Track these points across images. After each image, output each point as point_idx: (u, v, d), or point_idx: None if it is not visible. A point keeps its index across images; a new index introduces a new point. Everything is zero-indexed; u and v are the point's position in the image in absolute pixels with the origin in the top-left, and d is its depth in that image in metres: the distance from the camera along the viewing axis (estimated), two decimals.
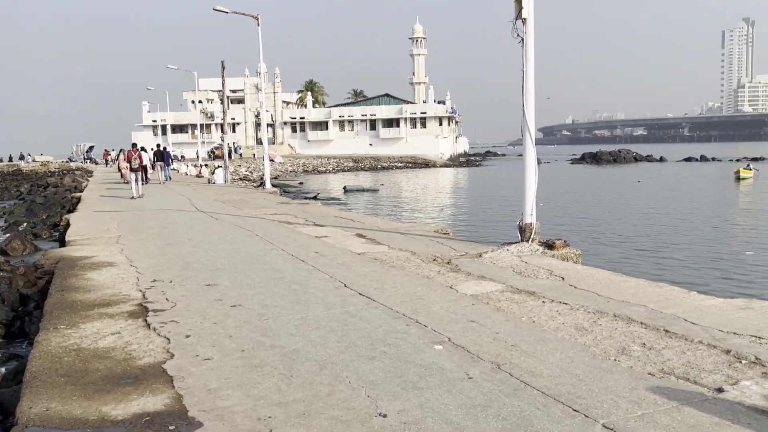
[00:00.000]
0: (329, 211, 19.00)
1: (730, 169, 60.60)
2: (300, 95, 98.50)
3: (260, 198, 22.85)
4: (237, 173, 49.38)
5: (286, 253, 10.20)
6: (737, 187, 47.10)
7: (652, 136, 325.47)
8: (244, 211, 17.60)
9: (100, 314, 6.57)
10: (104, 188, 28.73)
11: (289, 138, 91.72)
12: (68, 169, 52.12)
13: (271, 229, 13.48)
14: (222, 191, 26.31)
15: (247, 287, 7.73)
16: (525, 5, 9.50)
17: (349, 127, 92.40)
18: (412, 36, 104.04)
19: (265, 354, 5.16)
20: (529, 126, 9.91)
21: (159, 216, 16.34)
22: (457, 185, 53.21)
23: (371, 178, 60.61)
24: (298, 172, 68.97)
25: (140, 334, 5.82)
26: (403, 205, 34.47)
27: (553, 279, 7.82)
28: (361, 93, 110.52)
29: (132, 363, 5.01)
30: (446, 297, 6.97)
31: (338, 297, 7.11)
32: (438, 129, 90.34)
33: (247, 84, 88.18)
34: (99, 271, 8.96)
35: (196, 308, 6.72)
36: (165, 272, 8.79)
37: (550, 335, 5.51)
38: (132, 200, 21.69)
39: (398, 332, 5.68)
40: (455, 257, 9.51)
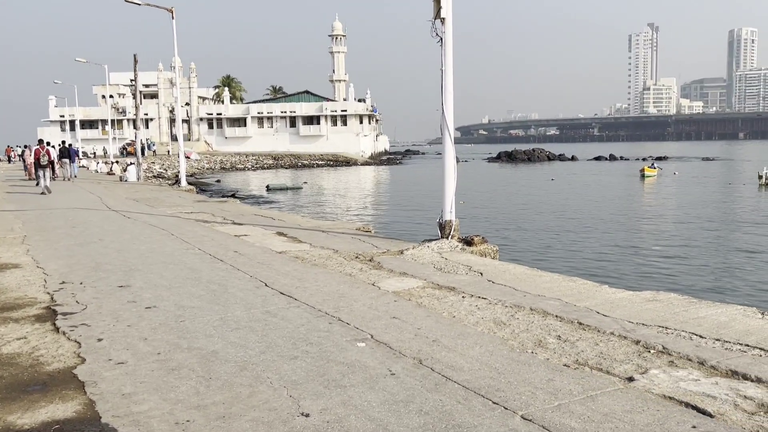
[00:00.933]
0: (248, 209, 18.69)
1: (637, 168, 63.88)
2: (217, 91, 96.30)
3: (175, 196, 22.19)
4: (151, 170, 47.77)
5: (204, 253, 9.95)
6: (642, 185, 49.68)
7: (564, 136, 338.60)
8: (158, 209, 17.05)
9: (4, 319, 6.19)
10: (8, 186, 27.13)
11: (205, 134, 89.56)
12: None
13: (187, 228, 13.11)
14: (135, 189, 25.38)
15: (163, 288, 7.48)
16: (444, 5, 9.64)
17: (269, 123, 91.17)
18: (332, 33, 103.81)
19: (182, 356, 5.01)
20: (449, 124, 10.08)
21: (68, 215, 15.58)
22: (378, 183, 53.53)
23: (292, 175, 60.08)
24: (216, 169, 67.49)
25: (48, 338, 5.52)
26: (325, 203, 34.36)
27: (472, 275, 7.98)
28: (280, 89, 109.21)
29: (40, 369, 4.74)
30: (369, 294, 6.99)
31: (258, 297, 6.99)
32: (359, 127, 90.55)
33: (160, 78, 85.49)
34: (2, 274, 8.44)
35: (108, 310, 6.44)
36: (75, 274, 8.39)
37: (470, 330, 5.62)
38: (41, 195, 21.59)
39: (320, 331, 5.64)
40: (377, 254, 9.55)
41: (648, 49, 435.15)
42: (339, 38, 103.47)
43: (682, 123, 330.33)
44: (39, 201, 19.72)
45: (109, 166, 40.14)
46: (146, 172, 38.86)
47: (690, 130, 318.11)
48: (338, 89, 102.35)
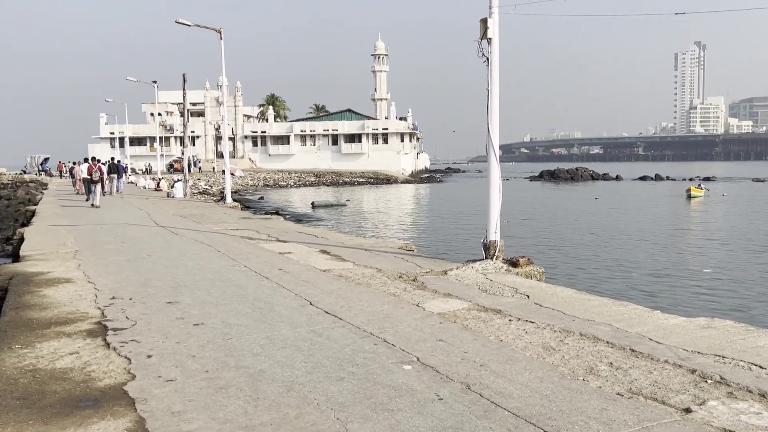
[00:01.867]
0: (292, 226, 18.85)
1: (683, 188, 62.36)
2: (261, 109, 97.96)
3: (221, 213, 22.54)
4: (196, 187, 48.71)
5: (250, 270, 10.05)
6: (688, 206, 48.45)
7: (608, 155, 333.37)
8: (204, 226, 17.32)
9: (57, 333, 6.34)
10: (60, 201, 27.97)
11: (249, 152, 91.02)
12: (22, 182, 50.53)
13: (233, 244, 13.28)
14: (181, 205, 25.88)
15: (210, 305, 7.56)
16: (490, 25, 9.63)
17: (311, 141, 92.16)
18: (375, 52, 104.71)
19: (230, 375, 5.03)
20: (494, 144, 10.01)
21: (117, 230, 15.96)
22: (419, 201, 53.48)
23: (333, 193, 60.50)
24: (259, 186, 68.44)
25: (100, 354, 5.62)
26: (367, 221, 34.45)
27: (519, 297, 7.86)
28: (323, 108, 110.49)
29: (92, 385, 4.83)
30: (413, 315, 6.94)
31: (304, 315, 7.01)
32: (399, 145, 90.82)
33: (207, 97, 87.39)
34: (55, 288, 8.67)
35: (157, 327, 6.54)
36: (124, 289, 8.55)
37: (518, 354, 5.52)
38: (92, 210, 22.60)
39: (366, 352, 5.62)
40: (421, 274, 9.50)
41: (695, 68, 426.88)
42: (381, 57, 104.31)
43: (730, 143, 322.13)
44: (90, 216, 20.25)
45: (156, 182, 41.07)
46: (192, 188, 39.63)
47: (739, 150, 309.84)
48: (380, 108, 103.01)
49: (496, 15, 9.69)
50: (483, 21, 9.67)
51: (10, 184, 49.10)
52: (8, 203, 35.12)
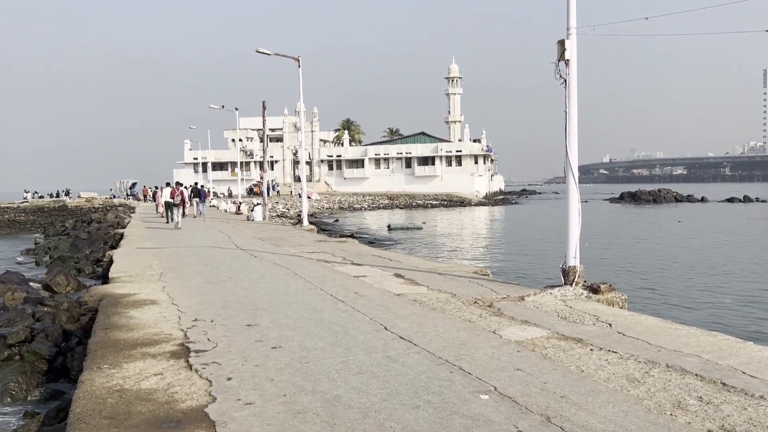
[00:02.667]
0: (366, 249, 18.98)
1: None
2: (337, 133, 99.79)
3: (298, 235, 22.97)
4: (275, 210, 49.92)
5: (326, 293, 10.16)
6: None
7: (692, 176, 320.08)
8: (282, 248, 17.69)
9: (143, 354, 6.58)
10: (146, 224, 29.26)
11: (325, 175, 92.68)
12: (111, 205, 53.27)
13: (310, 267, 13.48)
14: (261, 228, 26.55)
15: (288, 328, 7.68)
16: (568, 47, 9.47)
17: (385, 164, 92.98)
18: (448, 75, 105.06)
19: (306, 400, 5.07)
20: (572, 166, 9.79)
21: (200, 253, 16.52)
22: (493, 224, 52.84)
23: (406, 215, 60.65)
24: (334, 209, 69.44)
25: (182, 375, 5.79)
26: (440, 244, 34.29)
27: (600, 325, 7.60)
28: (396, 131, 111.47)
29: (174, 406, 4.97)
30: (490, 342, 6.81)
31: (379, 340, 7.01)
32: (473, 167, 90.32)
33: (285, 123, 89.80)
34: (141, 309, 9.03)
35: (237, 349, 6.69)
36: (206, 311, 8.81)
37: (600, 386, 5.31)
38: (175, 232, 23.84)
39: (442, 380, 5.54)
40: (497, 300, 9.34)
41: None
42: (455, 80, 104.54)
43: None
44: (174, 239, 21.06)
45: (236, 205, 42.36)
46: (271, 211, 40.66)
47: None
48: (453, 130, 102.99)
49: (574, 36, 9.54)
50: (560, 43, 9.53)
51: (101, 207, 51.86)
52: (99, 226, 37.06)
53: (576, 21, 9.58)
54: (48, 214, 51.57)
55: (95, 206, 53.17)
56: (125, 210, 46.75)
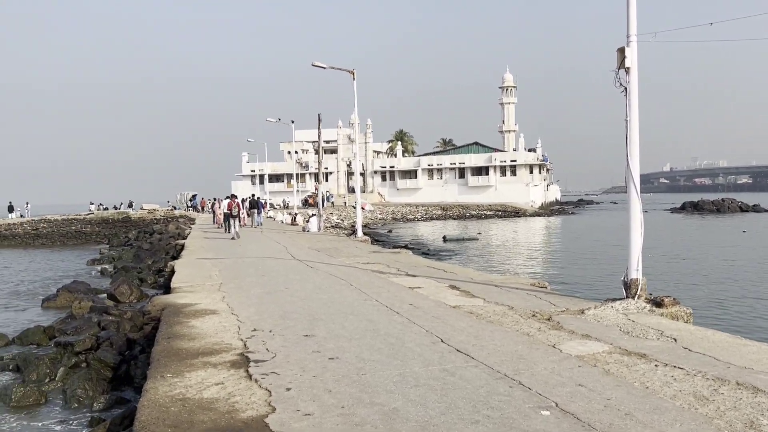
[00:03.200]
0: (420, 260, 18.93)
1: None
2: (390, 144, 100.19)
3: (352, 246, 23.11)
4: (329, 221, 50.40)
5: (381, 304, 10.17)
6: None
7: (758, 185, 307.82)
8: (337, 259, 17.82)
9: (204, 363, 6.72)
10: (205, 235, 29.96)
11: (378, 186, 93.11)
12: (172, 217, 54.79)
13: (365, 278, 13.53)
14: (316, 239, 26.84)
15: (344, 339, 7.71)
16: (628, 54, 9.27)
17: (438, 175, 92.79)
18: (502, 85, 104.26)
19: (364, 411, 5.07)
20: (634, 176, 9.55)
21: (257, 264, 16.80)
22: (550, 235, 51.94)
23: (460, 226, 60.26)
24: (388, 220, 69.61)
25: (242, 385, 5.88)
26: (494, 255, 33.91)
27: (665, 340, 7.36)
28: (450, 142, 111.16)
29: (235, 416, 5.05)
30: (549, 357, 6.68)
31: (435, 353, 6.96)
32: (528, 177, 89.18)
33: (339, 135, 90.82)
34: (202, 319, 9.23)
35: (295, 360, 6.75)
36: (264, 321, 8.94)
37: (667, 404, 5.13)
38: (233, 242, 24.57)
39: (501, 394, 5.46)
40: (555, 313, 9.16)
41: None
42: (509, 89, 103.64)
43: None
44: (232, 249, 21.49)
45: (292, 216, 42.96)
46: (325, 222, 41.08)
47: None
48: (508, 139, 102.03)
49: (635, 44, 9.33)
50: (620, 50, 9.33)
51: (163, 219, 53.39)
52: (160, 237, 38.16)
53: (636, 28, 9.37)
54: (112, 226, 53.37)
55: (157, 218, 54.75)
56: (186, 221, 48.01)
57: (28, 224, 52.38)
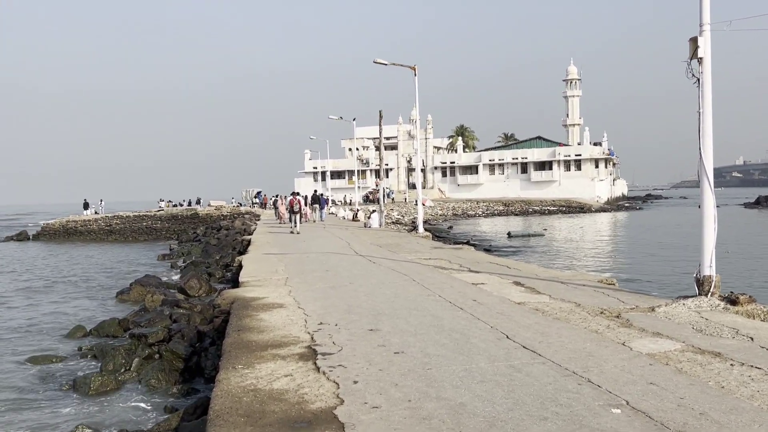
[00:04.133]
0: (483, 256, 18.81)
1: None
2: (451, 140, 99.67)
3: (414, 242, 23.15)
4: (389, 217, 50.59)
5: (444, 300, 10.17)
6: None
7: None
8: (399, 255, 17.90)
9: (273, 355, 6.89)
10: (270, 231, 30.59)
11: (439, 182, 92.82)
12: (238, 213, 56.06)
13: (427, 274, 13.54)
14: (377, 235, 27.01)
15: (409, 334, 7.76)
16: (701, 44, 8.95)
17: (500, 170, 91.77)
18: (566, 78, 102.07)
19: (431, 406, 5.11)
20: (707, 169, 9.23)
21: (321, 259, 17.05)
22: (617, 230, 50.63)
23: (523, 222, 59.45)
24: (448, 216, 69.31)
25: (311, 377, 6.01)
26: (559, 251, 33.31)
27: (740, 339, 7.09)
28: (512, 136, 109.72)
29: (305, 407, 5.17)
30: (619, 355, 6.55)
31: (501, 349, 6.92)
32: (594, 171, 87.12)
33: (399, 131, 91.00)
34: (270, 313, 9.45)
35: (361, 353, 6.85)
36: (330, 315, 9.09)
37: (744, 404, 4.96)
38: (297, 238, 25.12)
39: (569, 391, 5.39)
40: (625, 311, 8.96)
41: None
42: (573, 82, 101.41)
43: None
44: (296, 245, 21.88)
45: (353, 212, 43.37)
46: (386, 218, 41.27)
47: None
48: (572, 133, 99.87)
49: (708, 33, 8.99)
50: (692, 40, 9.02)
51: (229, 215, 54.74)
52: (227, 233, 39.15)
53: (710, 16, 9.03)
54: (181, 222, 55.06)
55: (223, 214, 56.16)
56: (251, 217, 49.07)
57: (102, 220, 54.72)
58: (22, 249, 44.32)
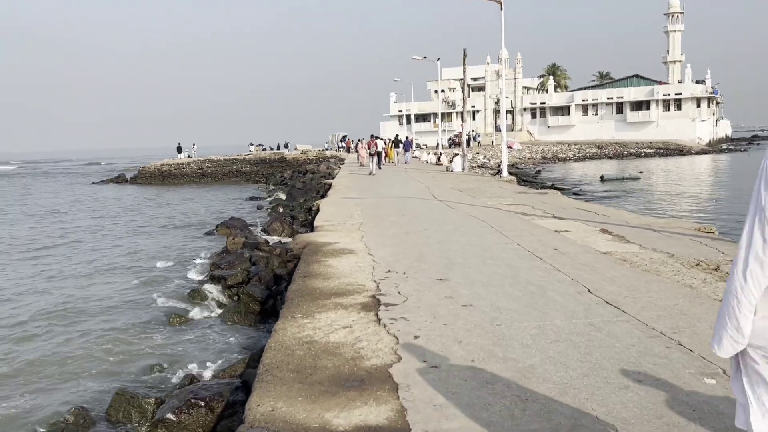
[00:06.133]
0: (569, 201, 17.85)
1: None
2: (541, 80, 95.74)
3: (497, 187, 22.35)
4: (474, 161, 49.47)
5: (522, 249, 9.56)
6: None
7: None
8: (479, 200, 17.24)
9: (335, 304, 6.60)
10: (351, 175, 30.51)
11: (528, 124, 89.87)
12: (324, 157, 56.44)
13: (507, 220, 12.89)
14: (459, 179, 26.31)
15: (480, 285, 7.27)
16: None
17: (593, 111, 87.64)
18: (668, 11, 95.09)
19: (496, 367, 4.64)
20: None
21: (398, 204, 16.67)
22: (718, 175, 47.45)
23: (618, 165, 56.75)
24: (537, 159, 67.14)
25: (370, 330, 5.67)
26: (654, 197, 31.49)
27: None
28: (607, 75, 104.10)
29: (359, 363, 4.82)
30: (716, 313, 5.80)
31: (580, 304, 6.32)
32: (695, 111, 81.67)
33: (487, 71, 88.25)
34: (339, 259, 9.18)
35: (426, 305, 6.43)
36: (399, 263, 8.71)
37: None
38: (375, 181, 25.74)
39: (656, 356, 4.78)
40: (724, 263, 8.06)
41: None
42: (675, 16, 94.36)
43: None
44: (375, 189, 21.60)
45: (437, 156, 42.60)
46: (470, 162, 40.29)
47: None
48: (673, 71, 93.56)
49: None
50: None
51: (315, 159, 55.24)
52: (312, 177, 39.52)
53: None
54: (269, 166, 56.05)
55: (309, 158, 56.72)
56: (336, 161, 49.27)
57: (194, 164, 56.50)
58: (119, 190, 46.55)
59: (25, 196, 44.16)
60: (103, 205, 35.05)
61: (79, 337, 9.94)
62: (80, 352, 9.11)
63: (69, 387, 7.88)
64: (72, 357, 8.95)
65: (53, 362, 8.79)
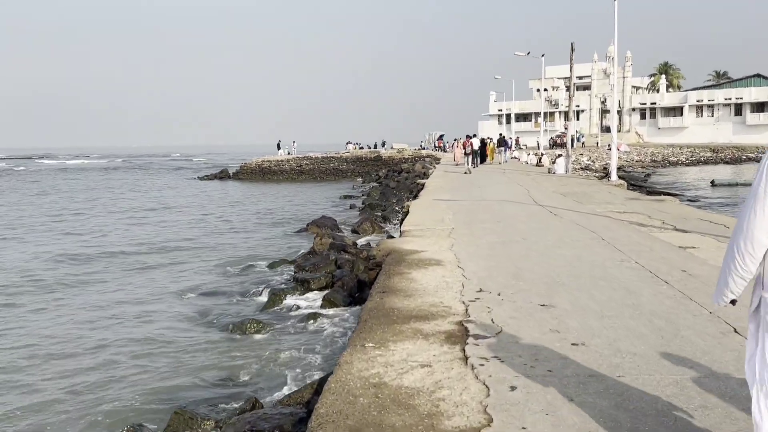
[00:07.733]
0: (692, 211, 15.87)
1: None
2: (652, 79, 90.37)
3: (605, 191, 20.50)
4: (578, 162, 46.91)
5: (642, 268, 8.10)
6: None
7: None
8: (586, 206, 15.63)
9: (415, 331, 5.52)
10: (446, 175, 29.33)
11: (636, 125, 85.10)
12: (419, 156, 55.52)
13: (620, 232, 11.34)
14: (562, 182, 24.53)
15: (592, 315, 5.97)
16: None
17: (708, 112, 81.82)
18: None
19: None
20: None
21: (494, 208, 15.36)
22: None
23: (732, 171, 52.31)
24: (645, 162, 63.16)
25: (454, 372, 4.55)
26: None
27: None
28: (724, 74, 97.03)
29: (436, 423, 3.72)
30: None
31: (727, 351, 4.91)
32: None
33: (594, 69, 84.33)
34: (424, 271, 8.09)
35: (527, 340, 5.23)
36: (493, 280, 7.51)
37: None
38: (471, 182, 24.55)
39: None
40: None
41: None
42: None
43: None
44: (470, 191, 20.32)
45: (537, 157, 40.61)
46: (574, 164, 38.06)
47: None
48: None
49: None
50: None
51: (410, 158, 54.39)
52: (407, 176, 38.65)
53: None
54: (365, 164, 55.81)
55: (405, 157, 55.96)
56: (432, 160, 48.19)
57: (293, 161, 57.12)
58: (222, 186, 47.55)
59: (147, 191, 46.06)
60: (210, 199, 36.04)
61: (145, 343, 9.41)
62: (142, 362, 8.54)
63: (127, 397, 7.27)
64: (133, 366, 8.38)
65: (112, 369, 8.25)
